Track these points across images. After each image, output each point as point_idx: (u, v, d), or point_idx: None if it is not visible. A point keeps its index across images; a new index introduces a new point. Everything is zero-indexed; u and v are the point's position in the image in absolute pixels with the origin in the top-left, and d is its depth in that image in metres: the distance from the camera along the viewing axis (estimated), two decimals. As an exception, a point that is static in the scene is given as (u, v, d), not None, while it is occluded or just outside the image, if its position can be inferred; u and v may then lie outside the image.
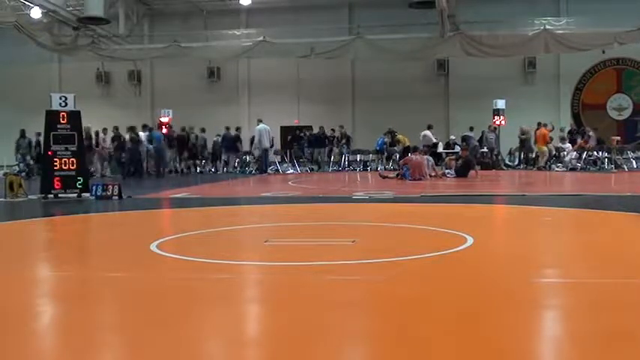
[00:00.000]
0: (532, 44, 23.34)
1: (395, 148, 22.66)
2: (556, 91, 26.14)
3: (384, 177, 17.57)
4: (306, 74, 26.92)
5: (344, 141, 24.16)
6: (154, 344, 3.15)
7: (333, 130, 24.63)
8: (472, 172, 17.16)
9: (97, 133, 22.27)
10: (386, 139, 23.18)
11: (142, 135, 21.71)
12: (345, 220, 8.43)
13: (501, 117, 22.61)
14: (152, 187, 15.68)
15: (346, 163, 23.45)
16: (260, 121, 21.73)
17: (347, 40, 24.42)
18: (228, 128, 23.84)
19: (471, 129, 22.94)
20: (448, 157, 19.55)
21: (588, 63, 25.63)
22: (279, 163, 22.53)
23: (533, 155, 22.44)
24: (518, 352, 2.99)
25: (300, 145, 24.30)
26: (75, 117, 11.99)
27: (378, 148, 23.36)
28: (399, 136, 22.68)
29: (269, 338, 3.31)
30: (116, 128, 22.55)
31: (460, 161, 17.76)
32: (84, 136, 13.33)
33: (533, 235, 6.97)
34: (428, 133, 22.81)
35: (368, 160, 23.45)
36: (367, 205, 10.41)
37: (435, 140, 22.81)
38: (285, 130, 26.17)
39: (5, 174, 13.77)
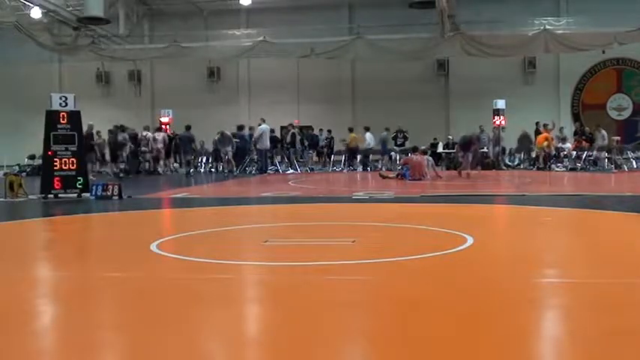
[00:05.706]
0: (532, 44, 23.33)
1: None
2: (556, 91, 26.14)
3: (384, 177, 17.56)
4: (306, 74, 26.92)
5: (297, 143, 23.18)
6: (154, 344, 3.15)
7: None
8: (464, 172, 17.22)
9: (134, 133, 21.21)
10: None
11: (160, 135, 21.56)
12: (345, 220, 8.43)
13: (501, 117, 22.59)
14: (152, 187, 15.68)
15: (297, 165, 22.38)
16: (263, 120, 21.60)
17: (347, 40, 24.40)
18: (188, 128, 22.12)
19: (482, 131, 22.82)
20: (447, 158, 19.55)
21: (588, 63, 25.62)
22: (279, 163, 22.47)
23: (534, 155, 22.42)
24: (518, 352, 2.99)
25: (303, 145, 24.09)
26: (75, 117, 11.99)
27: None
28: (351, 135, 22.52)
29: (269, 338, 3.31)
30: (147, 128, 22.00)
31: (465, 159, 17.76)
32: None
33: (533, 235, 6.96)
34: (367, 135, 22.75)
35: (368, 161, 23.43)
36: (367, 205, 10.41)
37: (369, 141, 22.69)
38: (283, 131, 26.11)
39: (5, 174, 13.76)
